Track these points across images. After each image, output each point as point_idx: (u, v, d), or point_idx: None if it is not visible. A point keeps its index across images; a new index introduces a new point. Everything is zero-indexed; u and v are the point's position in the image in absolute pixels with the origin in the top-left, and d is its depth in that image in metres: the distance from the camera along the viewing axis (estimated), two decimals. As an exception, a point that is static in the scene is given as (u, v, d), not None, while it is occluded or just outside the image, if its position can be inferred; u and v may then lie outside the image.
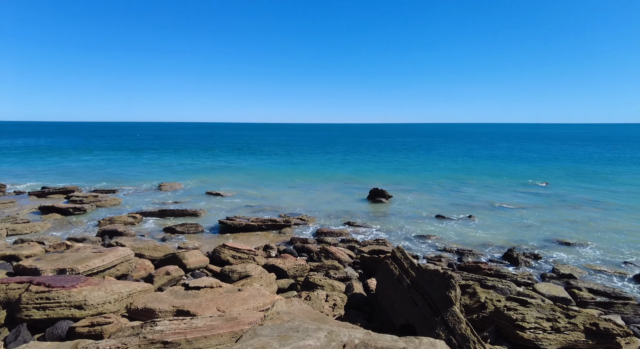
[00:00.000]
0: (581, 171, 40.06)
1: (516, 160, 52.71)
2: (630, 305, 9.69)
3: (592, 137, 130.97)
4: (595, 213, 20.80)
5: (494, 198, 24.71)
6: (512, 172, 38.80)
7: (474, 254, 14.25)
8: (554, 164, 47.10)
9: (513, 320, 7.47)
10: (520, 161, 50.95)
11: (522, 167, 43.57)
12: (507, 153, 62.98)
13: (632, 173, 38.45)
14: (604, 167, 44.28)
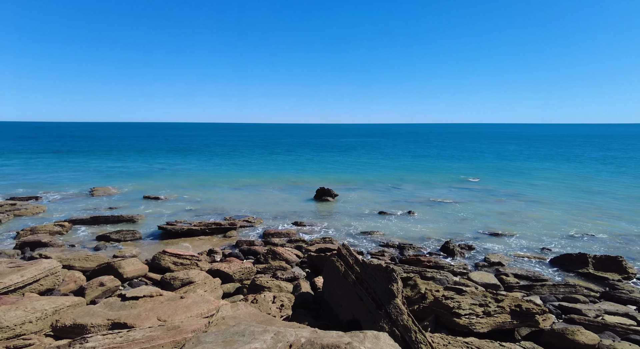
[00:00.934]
0: (506, 167, 43.94)
1: (450, 158, 56.39)
2: (546, 286, 10.83)
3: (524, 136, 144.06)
4: (518, 206, 22.91)
5: (431, 194, 26.21)
6: (447, 169, 41.45)
7: (414, 247, 15.00)
8: (484, 161, 51.17)
9: (450, 308, 7.99)
10: (454, 159, 54.61)
11: (456, 165, 46.76)
12: (441, 152, 67.10)
13: (544, 169, 42.92)
14: (524, 163, 49.05)
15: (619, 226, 18.26)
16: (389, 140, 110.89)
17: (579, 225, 18.61)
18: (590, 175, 37.46)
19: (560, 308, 9.58)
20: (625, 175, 37.48)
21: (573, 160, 53.36)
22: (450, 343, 6.63)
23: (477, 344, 6.56)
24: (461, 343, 6.58)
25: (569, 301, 10.16)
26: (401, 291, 7.11)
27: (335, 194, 24.61)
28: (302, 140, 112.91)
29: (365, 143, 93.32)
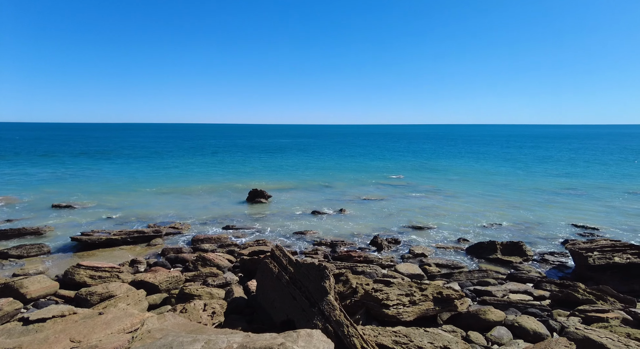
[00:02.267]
0: (424, 165, 47.49)
1: (374, 157, 59.27)
2: (463, 273, 11.93)
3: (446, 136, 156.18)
4: (437, 200, 24.88)
5: (361, 192, 27.29)
6: (373, 168, 43.50)
7: (346, 244, 15.50)
8: (404, 160, 54.67)
9: (380, 300, 8.39)
10: (378, 158, 57.51)
11: (381, 164, 49.30)
12: (366, 152, 70.22)
13: (457, 165, 47.33)
14: (439, 160, 53.47)
15: (519, 215, 20.77)
16: (321, 141, 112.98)
17: (488, 215, 20.78)
18: (495, 170, 42.06)
19: (475, 292, 10.62)
20: (521, 169, 42.74)
21: (481, 157, 59.45)
22: (380, 333, 6.97)
23: (404, 332, 6.99)
24: (390, 333, 6.96)
25: (482, 284, 11.29)
26: (333, 288, 7.30)
27: (269, 195, 24.42)
28: (230, 141, 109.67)
29: (298, 144, 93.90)
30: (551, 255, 14.35)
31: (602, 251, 11.89)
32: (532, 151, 72.56)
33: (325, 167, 44.94)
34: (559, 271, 12.91)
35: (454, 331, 7.87)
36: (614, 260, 11.41)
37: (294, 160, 53.31)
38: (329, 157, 59.37)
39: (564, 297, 9.93)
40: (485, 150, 76.03)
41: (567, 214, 20.86)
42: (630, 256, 11.40)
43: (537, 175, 37.65)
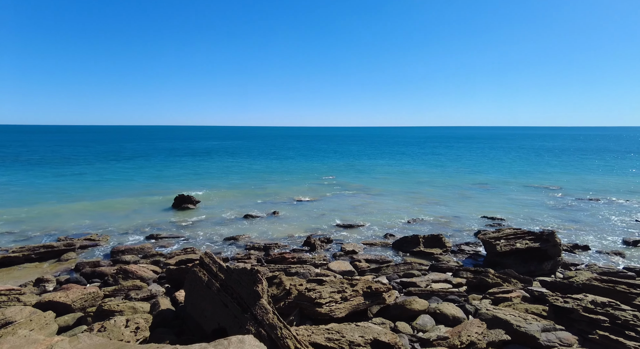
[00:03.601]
0: (353, 165, 49.33)
1: (307, 159, 60.03)
2: (390, 266, 12.62)
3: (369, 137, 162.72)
4: (366, 199, 25.98)
5: (293, 194, 27.41)
6: (306, 169, 44.02)
7: (279, 246, 15.45)
8: (334, 160, 56.22)
9: (313, 299, 8.51)
10: (310, 160, 58.34)
11: (313, 164, 50.07)
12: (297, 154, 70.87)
13: (383, 165, 50.08)
14: (366, 160, 56.02)
15: (438, 210, 22.57)
16: (250, 143, 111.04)
17: (411, 211, 22.24)
18: (414, 169, 45.20)
19: (401, 284, 11.28)
20: (441, 167, 46.53)
21: (402, 157, 63.47)
22: (314, 332, 7.07)
23: (337, 328, 7.17)
24: (323, 331, 7.10)
25: (407, 276, 12.03)
26: (266, 291, 7.24)
27: (197, 201, 23.36)
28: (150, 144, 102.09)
29: (225, 147, 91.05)
30: (467, 245, 15.81)
31: (507, 239, 13.42)
32: (446, 151, 79.37)
33: (255, 169, 44.24)
34: (473, 260, 14.27)
35: (383, 323, 8.28)
36: (516, 246, 12.94)
37: (222, 164, 51.48)
38: (258, 159, 58.50)
39: (478, 282, 11.01)
40: (405, 150, 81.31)
41: (478, 207, 23.15)
42: (528, 242, 13.03)
43: (451, 173, 41.24)
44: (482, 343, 6.83)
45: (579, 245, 15.31)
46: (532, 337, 7.44)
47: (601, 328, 7.60)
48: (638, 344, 7.01)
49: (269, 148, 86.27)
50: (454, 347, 6.76)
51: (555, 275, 12.42)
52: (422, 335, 7.72)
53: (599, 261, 13.99)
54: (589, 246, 15.31)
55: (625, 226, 18.72)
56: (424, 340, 7.44)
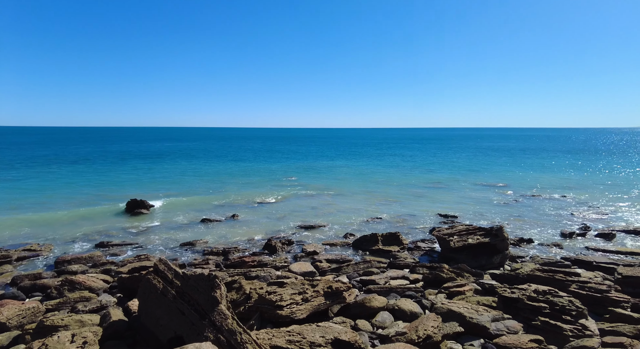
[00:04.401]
0: (313, 166, 49.57)
1: (267, 160, 59.51)
2: (351, 265, 12.81)
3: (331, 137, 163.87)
4: (327, 199, 26.19)
5: (253, 196, 27.02)
6: (266, 171, 43.55)
7: (239, 250, 15.16)
8: (295, 161, 56.22)
9: (273, 302, 8.45)
10: (270, 161, 57.91)
11: (273, 166, 49.65)
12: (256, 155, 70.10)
13: (341, 166, 50.75)
14: (326, 161, 56.58)
15: (396, 209, 23.25)
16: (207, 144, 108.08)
17: (370, 210, 22.72)
18: (372, 169, 46.30)
19: (361, 282, 11.48)
20: (396, 167, 48.00)
21: (362, 157, 64.80)
22: (275, 335, 7.02)
23: (297, 330, 7.16)
24: (284, 333, 7.06)
25: (367, 274, 12.27)
26: (225, 296, 7.08)
27: (151, 205, 22.34)
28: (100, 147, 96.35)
29: (181, 149, 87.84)
30: (422, 242, 16.41)
31: (460, 235, 14.09)
32: (402, 151, 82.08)
33: (212, 172, 43.02)
34: (429, 256, 14.83)
35: (343, 322, 8.39)
36: (468, 241, 13.63)
37: (176, 166, 49.10)
38: (215, 161, 56.80)
39: (433, 278, 11.46)
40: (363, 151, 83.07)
41: (432, 205, 24.11)
42: (479, 237, 13.77)
43: (406, 172, 42.67)
44: (437, 336, 7.12)
45: (524, 239, 16.40)
46: (483, 327, 7.87)
47: (542, 314, 8.20)
48: (573, 326, 7.65)
49: (226, 150, 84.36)
50: (412, 341, 6.99)
51: (504, 268, 13.22)
52: (381, 332, 7.90)
53: (541, 253, 15.07)
54: (533, 239, 16.46)
55: (562, 219, 20.34)
56: (383, 337, 7.63)
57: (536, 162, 56.43)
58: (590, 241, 16.36)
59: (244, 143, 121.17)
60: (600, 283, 10.04)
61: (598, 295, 9.27)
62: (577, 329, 7.73)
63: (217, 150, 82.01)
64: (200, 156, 66.42)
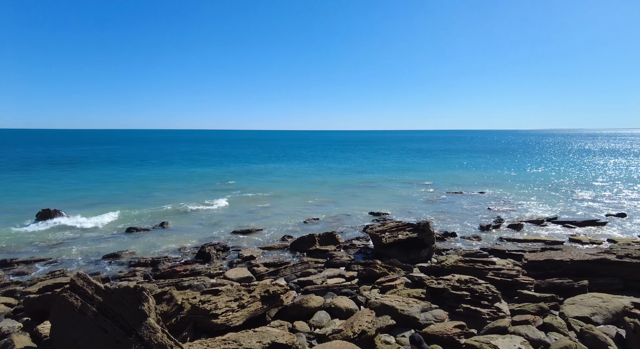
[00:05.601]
0: (251, 169, 48.75)
1: (202, 164, 57.11)
2: (288, 267, 12.81)
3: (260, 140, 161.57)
4: (264, 202, 25.89)
5: (185, 201, 25.73)
6: (200, 175, 41.73)
7: (169, 259, 14.33)
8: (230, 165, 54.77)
9: (208, 311, 8.13)
10: (205, 165, 55.65)
11: (206, 170, 47.71)
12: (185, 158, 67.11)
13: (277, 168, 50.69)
14: (264, 164, 56.04)
15: (332, 209, 23.76)
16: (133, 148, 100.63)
17: (307, 212, 22.92)
18: (308, 170, 46.89)
19: (299, 283, 11.53)
20: (329, 169, 49.10)
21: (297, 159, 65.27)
22: (209, 345, 6.76)
23: (233, 337, 6.98)
24: (219, 342, 6.83)
25: (304, 275, 12.35)
26: (154, 309, 6.65)
27: (66, 215, 20.18)
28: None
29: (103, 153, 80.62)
30: (357, 240, 16.96)
31: (391, 232, 14.81)
32: (334, 153, 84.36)
33: (140, 176, 40.13)
34: (363, 253, 15.37)
35: (281, 325, 8.35)
36: (399, 237, 14.38)
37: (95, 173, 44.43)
38: (141, 166, 52.34)
39: (367, 274, 11.90)
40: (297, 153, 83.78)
41: (366, 204, 25.04)
42: (409, 233, 14.61)
43: (341, 173, 43.89)
44: (371, 330, 7.40)
45: (448, 233, 17.75)
46: (414, 318, 8.37)
47: (465, 301, 8.95)
48: (489, 310, 8.46)
49: (155, 153, 79.25)
50: (348, 338, 7.18)
51: (431, 260, 14.18)
52: (318, 331, 8.01)
53: (463, 245, 16.44)
54: (456, 232, 17.87)
55: (481, 213, 22.40)
56: (320, 336, 7.73)
57: (456, 161, 61.53)
58: (504, 233, 18.22)
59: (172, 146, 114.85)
60: (511, 269, 11.25)
61: (509, 280, 10.36)
62: (493, 312, 8.57)
63: (141, 154, 76.52)
64: (121, 161, 61.24)
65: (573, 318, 8.37)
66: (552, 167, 51.92)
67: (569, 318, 8.39)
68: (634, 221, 20.19)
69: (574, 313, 8.55)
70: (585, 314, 8.48)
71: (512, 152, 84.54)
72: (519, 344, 7.06)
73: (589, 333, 7.40)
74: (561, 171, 46.22)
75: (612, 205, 24.99)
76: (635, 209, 23.36)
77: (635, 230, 18.56)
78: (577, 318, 8.38)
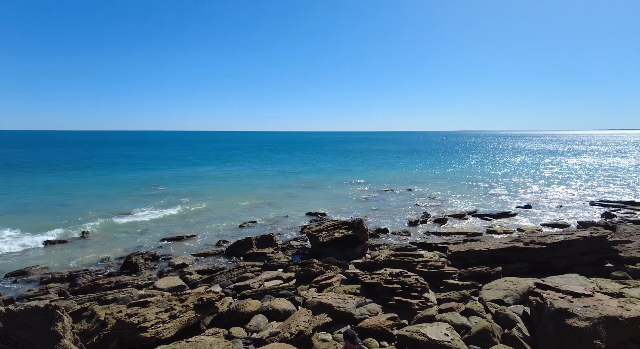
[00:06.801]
0: (181, 173, 46.35)
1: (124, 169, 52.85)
2: (224, 273, 12.41)
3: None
4: (198, 206, 24.75)
5: (109, 209, 23.70)
6: (125, 181, 38.51)
7: (90, 273, 13.08)
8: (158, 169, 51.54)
9: (135, 325, 7.58)
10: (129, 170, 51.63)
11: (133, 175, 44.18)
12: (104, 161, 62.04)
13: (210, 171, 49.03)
14: (196, 167, 53.76)
15: (270, 211, 23.55)
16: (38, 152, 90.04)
17: (244, 215, 22.42)
18: (243, 172, 46.02)
19: (235, 288, 11.24)
20: (263, 171, 48.72)
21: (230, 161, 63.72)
22: (137, 361, 6.30)
23: (164, 350, 6.59)
24: (148, 357, 6.40)
25: (241, 280, 12.05)
26: (70, 329, 6.05)
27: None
28: None
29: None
30: (295, 241, 17.01)
31: (328, 230, 15.09)
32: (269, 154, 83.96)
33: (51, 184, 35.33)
34: (301, 253, 15.45)
35: (216, 332, 8.07)
36: (335, 235, 14.71)
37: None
38: (53, 171, 46.38)
39: (305, 274, 11.99)
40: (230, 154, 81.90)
41: (304, 205, 25.22)
42: (344, 231, 15.01)
43: (277, 175, 43.75)
44: (308, 329, 7.47)
45: (380, 229, 18.56)
46: (349, 314, 8.61)
47: (396, 294, 9.43)
48: (419, 300, 9.02)
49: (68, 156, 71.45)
50: (285, 339, 7.17)
51: (365, 256, 14.71)
52: (255, 336, 7.89)
53: (394, 240, 17.31)
54: (387, 229, 18.77)
55: (410, 210, 23.80)
56: (257, 340, 7.62)
57: (385, 161, 64.79)
58: (430, 227, 19.55)
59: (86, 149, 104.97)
60: (437, 260, 12.10)
61: (436, 271, 11.14)
62: (422, 302, 9.14)
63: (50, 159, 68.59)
64: (25, 165, 54.08)
65: (490, 301, 9.26)
66: (471, 165, 56.98)
67: (486, 302, 9.26)
68: (537, 212, 22.94)
69: (491, 297, 9.46)
70: (499, 297, 9.43)
71: (435, 152, 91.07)
72: (445, 331, 7.62)
73: (502, 314, 8.24)
74: (479, 169, 50.90)
75: (520, 197, 28.15)
76: (539, 201, 26.53)
77: (539, 219, 21.10)
78: (493, 301, 9.28)
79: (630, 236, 13.89)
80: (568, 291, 7.75)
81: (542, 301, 7.58)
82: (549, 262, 11.75)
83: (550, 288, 8.08)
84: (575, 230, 14.74)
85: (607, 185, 34.50)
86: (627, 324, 6.70)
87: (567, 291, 7.73)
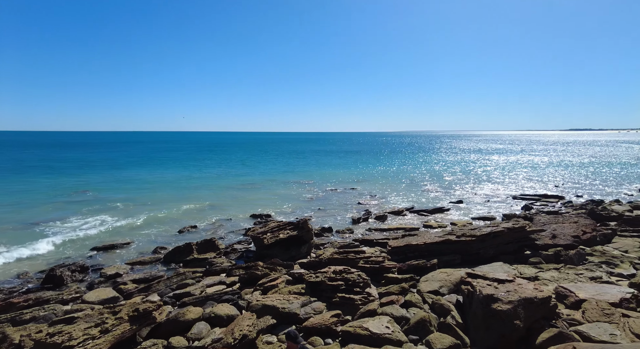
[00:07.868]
0: (115, 176, 43.11)
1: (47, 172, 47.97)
2: (162, 281, 11.76)
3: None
4: (129, 212, 23.13)
5: (27, 217, 21.30)
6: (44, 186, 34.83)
7: (3, 291, 11.65)
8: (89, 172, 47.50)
9: (59, 345, 6.93)
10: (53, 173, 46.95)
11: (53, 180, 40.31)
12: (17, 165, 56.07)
13: (148, 174, 46.27)
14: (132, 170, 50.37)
15: (212, 214, 22.76)
16: None
17: (184, 219, 21.42)
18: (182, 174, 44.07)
19: (175, 296, 10.70)
20: (205, 171, 47.09)
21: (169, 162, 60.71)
22: (62, 384, 5.75)
23: (94, 369, 6.08)
24: (75, 378, 5.87)
25: (181, 288, 11.51)
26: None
27: None
28: None
29: None
30: (239, 244, 16.64)
31: (272, 232, 14.96)
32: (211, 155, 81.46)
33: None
34: (245, 257, 15.14)
35: (154, 344, 7.64)
36: (280, 236, 14.63)
37: None
38: None
39: (249, 277, 11.77)
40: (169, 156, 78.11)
41: (248, 206, 24.74)
42: (289, 231, 14.98)
43: (219, 176, 42.48)
44: (252, 333, 7.36)
45: (325, 228, 18.84)
46: (294, 314, 8.62)
47: (340, 291, 9.63)
48: (361, 296, 9.30)
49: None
50: (229, 345, 6.99)
51: (310, 256, 14.83)
52: (197, 344, 7.58)
53: (338, 238, 17.65)
54: (332, 227, 19.09)
55: (353, 208, 24.44)
56: (199, 348, 7.34)
57: (329, 161, 65.98)
58: (372, 224, 20.24)
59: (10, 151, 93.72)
60: (378, 256, 12.54)
61: (377, 266, 11.55)
62: (364, 297, 9.42)
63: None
64: None
65: (427, 292, 9.82)
66: (408, 164, 60.00)
67: (423, 293, 9.80)
68: (468, 206, 24.80)
69: (427, 288, 10.03)
70: (435, 288, 10.04)
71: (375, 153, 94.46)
72: (386, 324, 7.93)
73: (438, 303, 8.79)
74: (416, 167, 53.75)
75: (453, 194, 30.23)
76: (470, 197, 28.70)
77: (469, 213, 22.83)
78: (429, 292, 9.85)
79: (543, 225, 15.57)
80: (494, 278, 8.48)
81: (472, 289, 8.20)
82: (478, 253, 12.75)
83: (480, 276, 8.79)
84: (500, 222, 16.17)
85: (527, 180, 38.35)
86: (540, 304, 7.50)
87: (493, 279, 8.46)
